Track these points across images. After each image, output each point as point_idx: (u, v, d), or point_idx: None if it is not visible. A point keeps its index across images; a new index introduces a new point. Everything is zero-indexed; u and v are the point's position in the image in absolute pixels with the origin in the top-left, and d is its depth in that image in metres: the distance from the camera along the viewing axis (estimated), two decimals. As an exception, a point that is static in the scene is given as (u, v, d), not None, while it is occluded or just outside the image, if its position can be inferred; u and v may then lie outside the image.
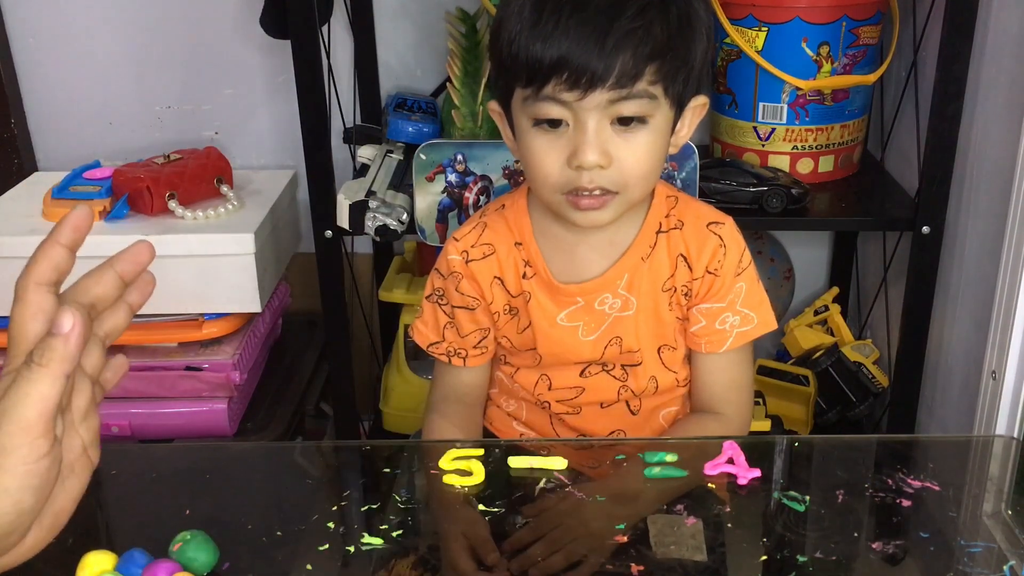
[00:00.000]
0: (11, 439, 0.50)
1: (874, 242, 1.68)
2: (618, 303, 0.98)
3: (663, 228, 0.98)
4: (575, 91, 0.83)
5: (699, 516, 0.75)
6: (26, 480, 0.51)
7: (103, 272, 0.58)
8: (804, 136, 1.46)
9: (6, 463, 0.50)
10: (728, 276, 0.98)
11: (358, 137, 1.59)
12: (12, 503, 0.51)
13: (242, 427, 1.53)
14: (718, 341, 1.00)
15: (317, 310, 1.48)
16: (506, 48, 0.86)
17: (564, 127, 0.86)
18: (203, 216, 1.48)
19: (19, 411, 0.51)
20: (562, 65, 0.82)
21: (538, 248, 0.99)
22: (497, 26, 0.88)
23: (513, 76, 0.87)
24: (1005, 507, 0.77)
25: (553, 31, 0.82)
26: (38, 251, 0.55)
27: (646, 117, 0.86)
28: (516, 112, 0.90)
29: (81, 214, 0.56)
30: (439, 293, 1.04)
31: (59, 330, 0.52)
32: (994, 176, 1.26)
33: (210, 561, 0.69)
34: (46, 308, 0.54)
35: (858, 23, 1.41)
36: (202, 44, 1.72)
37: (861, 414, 1.61)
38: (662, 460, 0.81)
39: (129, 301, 0.60)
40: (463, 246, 1.01)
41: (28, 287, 0.54)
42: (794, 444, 0.87)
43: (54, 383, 0.51)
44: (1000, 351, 1.15)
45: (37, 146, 1.80)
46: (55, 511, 0.56)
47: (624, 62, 0.82)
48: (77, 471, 0.57)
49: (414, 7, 1.69)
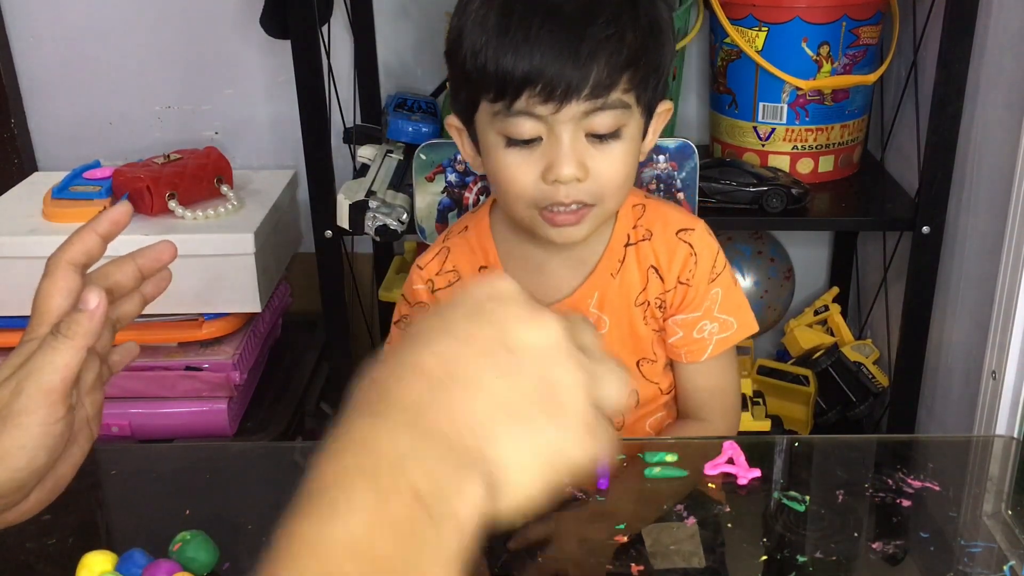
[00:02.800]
0: (32, 400, 0.55)
1: (874, 242, 1.68)
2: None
3: (631, 240, 0.95)
4: (550, 103, 0.80)
5: (699, 516, 0.75)
6: (42, 440, 0.55)
7: (125, 262, 0.63)
8: (804, 136, 1.46)
9: (25, 421, 0.55)
10: (701, 284, 0.95)
11: (358, 137, 1.59)
12: (27, 460, 0.55)
13: (242, 427, 1.53)
14: (698, 350, 0.97)
15: (317, 310, 1.48)
16: (470, 60, 0.81)
17: (538, 142, 0.83)
18: (203, 216, 1.48)
19: (43, 376, 0.55)
20: (535, 77, 0.78)
21: (503, 271, 0.95)
22: (457, 36, 0.84)
23: (479, 89, 0.83)
24: (1005, 507, 0.77)
25: (523, 42, 0.78)
26: (74, 235, 0.60)
27: (620, 128, 0.84)
28: (482, 126, 0.86)
29: (121, 210, 0.62)
30: (407, 321, 1.02)
31: (85, 306, 0.56)
32: (994, 176, 1.26)
33: (210, 561, 0.69)
34: (72, 286, 0.59)
35: (858, 23, 1.41)
36: (202, 44, 1.72)
37: (861, 414, 1.61)
38: (662, 460, 0.81)
39: (144, 292, 0.65)
40: (427, 275, 0.98)
41: (59, 264, 0.59)
42: (794, 444, 0.87)
43: (76, 354, 0.56)
44: (1000, 351, 1.15)
45: (37, 146, 1.80)
46: (57, 476, 0.60)
47: (599, 71, 0.79)
48: (80, 441, 0.61)
49: (414, 7, 1.69)
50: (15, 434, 0.55)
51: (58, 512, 0.75)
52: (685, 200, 1.25)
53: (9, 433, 0.55)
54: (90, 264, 0.61)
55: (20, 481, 0.56)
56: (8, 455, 0.55)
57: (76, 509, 0.78)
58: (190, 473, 0.85)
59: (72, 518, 0.76)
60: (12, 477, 0.55)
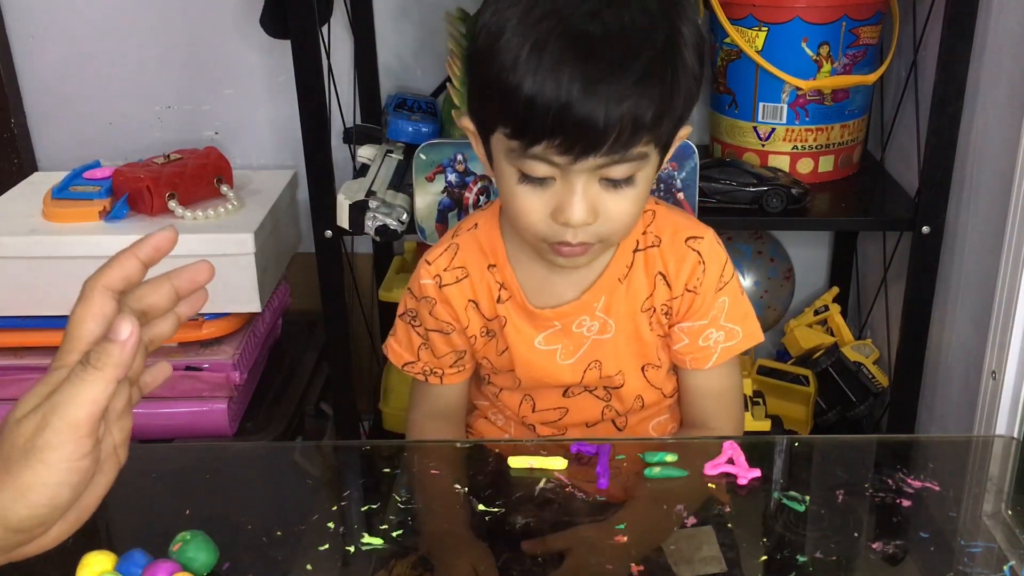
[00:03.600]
0: (58, 435, 0.52)
1: (874, 242, 1.68)
2: (596, 325, 0.96)
3: (640, 246, 0.95)
4: (567, 155, 0.78)
5: (699, 517, 0.75)
6: (66, 476, 0.53)
7: (161, 284, 0.60)
8: (804, 136, 1.46)
9: (50, 458, 0.52)
10: (708, 293, 0.95)
11: (358, 137, 1.59)
12: (49, 497, 0.53)
13: (242, 427, 1.52)
14: (703, 358, 0.97)
15: (317, 310, 1.48)
16: (494, 83, 0.78)
17: (551, 181, 0.81)
18: (203, 216, 1.48)
19: (69, 410, 0.52)
20: (557, 127, 0.76)
21: (512, 271, 0.96)
22: (487, 50, 0.79)
23: (498, 119, 0.81)
24: (1005, 507, 0.77)
25: (552, 85, 0.74)
26: (114, 259, 0.58)
27: (636, 174, 0.82)
28: (496, 151, 0.84)
29: (166, 236, 0.59)
30: (412, 314, 1.02)
31: (117, 336, 0.53)
32: (994, 176, 1.26)
33: (210, 561, 0.69)
34: (107, 313, 0.56)
35: (858, 23, 1.41)
36: (202, 44, 1.72)
37: (861, 414, 1.61)
38: (662, 460, 0.81)
39: (179, 312, 0.62)
40: (435, 270, 0.98)
41: (96, 289, 0.56)
42: (794, 444, 0.87)
43: (107, 387, 0.53)
44: (1000, 351, 1.15)
45: (37, 146, 1.80)
46: (81, 507, 0.57)
47: (622, 130, 0.76)
48: (106, 469, 0.58)
49: (414, 7, 1.69)
50: (38, 469, 0.52)
51: (58, 512, 0.75)
52: (685, 200, 1.25)
53: (33, 469, 0.52)
54: (127, 291, 0.58)
55: (41, 518, 0.53)
56: (31, 491, 0.52)
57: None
58: (190, 473, 0.85)
59: (72, 518, 0.76)
60: (33, 514, 0.53)
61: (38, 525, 0.54)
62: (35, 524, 0.53)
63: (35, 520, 0.53)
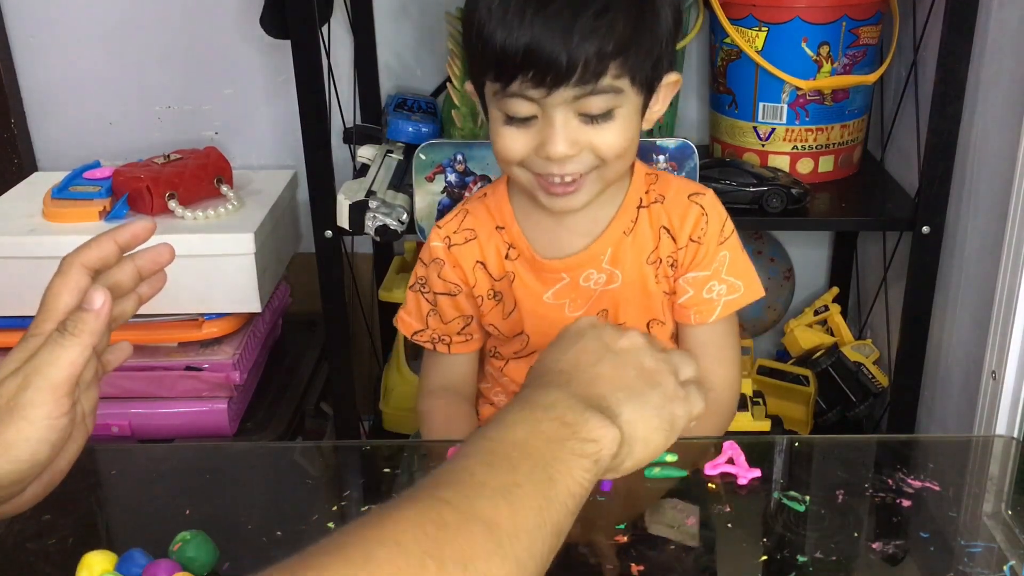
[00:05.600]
0: (39, 394, 0.57)
1: (874, 242, 1.68)
2: (603, 277, 0.99)
3: (644, 203, 0.99)
4: (541, 88, 0.83)
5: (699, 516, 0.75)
6: (47, 433, 0.57)
7: (124, 263, 0.66)
8: (804, 136, 1.46)
9: (32, 415, 0.57)
10: (711, 244, 0.99)
11: (358, 137, 1.59)
12: (30, 453, 0.57)
13: (242, 427, 1.52)
14: (707, 311, 1.00)
15: (317, 310, 1.48)
16: (475, 38, 0.86)
17: (534, 120, 0.87)
18: (203, 216, 1.48)
19: (50, 371, 0.57)
20: (527, 62, 0.82)
21: (520, 230, 0.99)
22: (469, 13, 0.88)
23: (482, 68, 0.87)
24: (1005, 507, 0.77)
25: (519, 26, 0.82)
26: (93, 240, 0.64)
27: (613, 110, 0.86)
28: (488, 101, 0.91)
29: (145, 226, 0.66)
30: (422, 282, 1.06)
31: (91, 305, 0.59)
32: (994, 176, 1.26)
33: (210, 561, 0.69)
34: (83, 287, 0.62)
35: (858, 23, 1.41)
36: (202, 44, 1.72)
37: (861, 414, 1.61)
38: (662, 460, 0.81)
39: (140, 292, 0.68)
40: (445, 232, 1.02)
41: (73, 264, 0.63)
42: (794, 444, 0.87)
43: (83, 351, 0.58)
44: (1000, 351, 1.15)
45: (37, 146, 1.80)
46: (53, 471, 0.62)
47: (587, 59, 0.82)
48: (75, 436, 0.62)
49: (414, 7, 1.69)
50: (21, 426, 0.56)
51: (58, 512, 0.75)
52: (685, 200, 1.25)
53: (15, 425, 0.56)
54: (103, 270, 0.64)
55: (21, 473, 0.57)
56: (13, 446, 0.56)
57: (76, 509, 0.78)
58: (190, 473, 0.85)
59: (72, 518, 0.77)
60: (14, 468, 0.57)
61: (17, 481, 0.58)
62: (15, 480, 0.58)
63: (16, 475, 0.57)
